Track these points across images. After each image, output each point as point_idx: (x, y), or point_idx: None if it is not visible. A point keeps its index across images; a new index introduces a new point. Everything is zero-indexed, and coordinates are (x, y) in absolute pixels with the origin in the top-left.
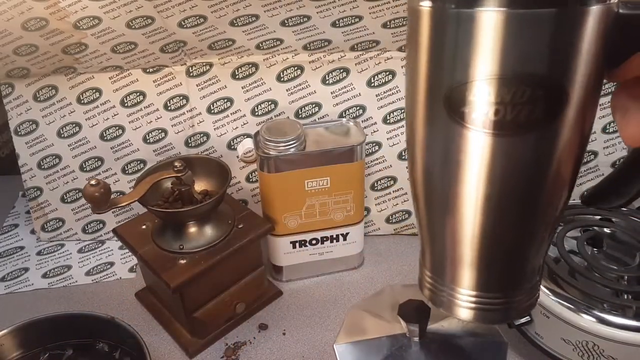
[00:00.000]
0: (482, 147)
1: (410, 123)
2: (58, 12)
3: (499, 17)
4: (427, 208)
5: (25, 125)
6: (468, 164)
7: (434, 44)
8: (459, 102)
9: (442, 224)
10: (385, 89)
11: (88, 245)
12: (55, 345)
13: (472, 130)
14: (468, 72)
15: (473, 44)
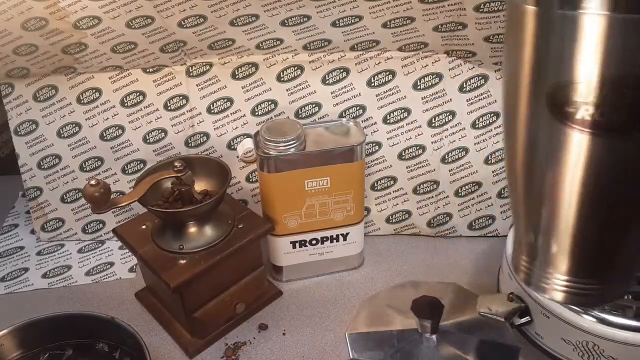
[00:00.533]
0: (583, 145)
1: (510, 120)
2: (58, 11)
3: (603, 21)
4: (526, 200)
5: (25, 125)
6: (569, 161)
7: (538, 44)
8: (563, 101)
9: (540, 214)
10: (385, 88)
11: (88, 245)
12: (55, 345)
13: (575, 129)
14: (573, 73)
15: (578, 46)
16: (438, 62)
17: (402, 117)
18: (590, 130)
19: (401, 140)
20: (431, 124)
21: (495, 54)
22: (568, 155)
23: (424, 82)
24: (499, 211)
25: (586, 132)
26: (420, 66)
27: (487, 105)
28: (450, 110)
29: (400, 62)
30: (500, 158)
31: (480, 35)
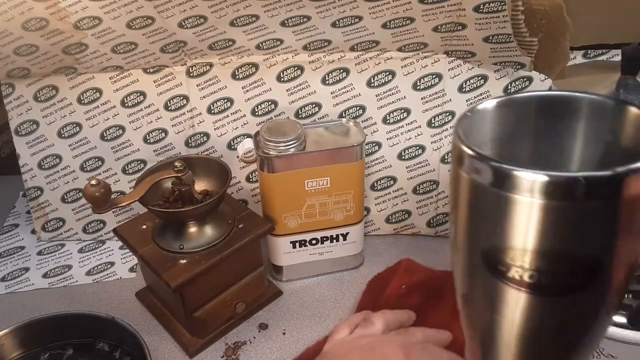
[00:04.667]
0: (518, 301)
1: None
2: (58, 12)
3: (531, 205)
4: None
5: (25, 125)
6: (505, 312)
7: (473, 208)
8: (496, 260)
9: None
10: (385, 89)
11: (88, 245)
12: (55, 344)
13: (509, 285)
14: (504, 240)
15: (509, 219)
16: (438, 62)
17: (402, 117)
18: (521, 288)
19: (401, 140)
20: (431, 124)
21: (495, 54)
22: (504, 306)
23: (424, 83)
24: None
25: (518, 289)
26: (420, 66)
27: None
28: (450, 110)
29: (400, 63)
30: None
31: (480, 35)
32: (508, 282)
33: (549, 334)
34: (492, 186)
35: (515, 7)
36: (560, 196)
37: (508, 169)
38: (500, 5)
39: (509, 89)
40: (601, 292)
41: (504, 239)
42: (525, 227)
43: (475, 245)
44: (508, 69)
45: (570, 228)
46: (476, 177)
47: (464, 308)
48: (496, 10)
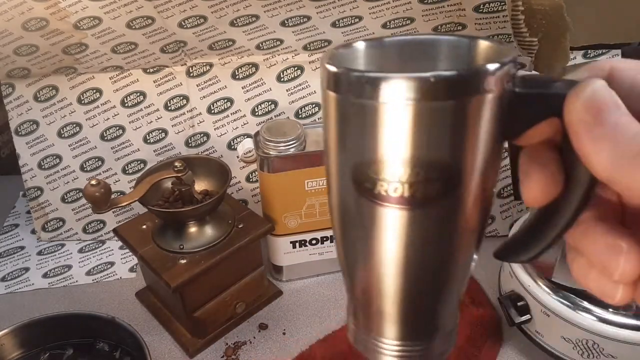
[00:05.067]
0: (387, 218)
1: (329, 188)
2: (58, 12)
3: (386, 108)
4: (347, 269)
5: (25, 125)
6: (376, 233)
7: (339, 125)
8: (363, 178)
9: (361, 283)
10: None
11: (88, 245)
12: (55, 344)
13: (376, 203)
14: (368, 154)
15: (369, 129)
16: None
17: None
18: (388, 204)
19: None
20: None
21: None
22: (374, 226)
23: None
24: (498, 211)
25: (386, 205)
26: None
27: None
28: None
29: None
30: None
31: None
32: (376, 199)
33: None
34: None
35: (515, 7)
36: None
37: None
38: (500, 5)
39: None
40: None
41: (368, 151)
42: (385, 135)
43: (347, 164)
44: None
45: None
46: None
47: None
48: (496, 10)
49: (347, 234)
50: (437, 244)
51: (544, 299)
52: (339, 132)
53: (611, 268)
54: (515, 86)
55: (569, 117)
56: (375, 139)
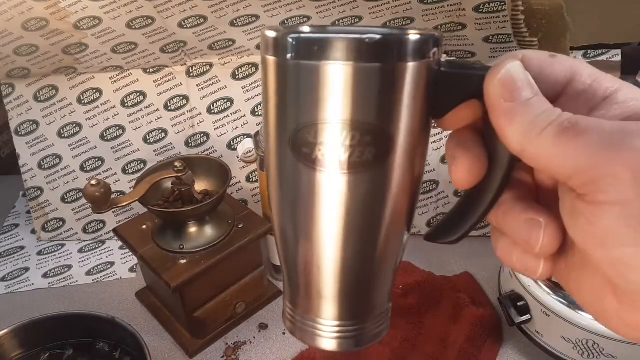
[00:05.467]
0: (323, 184)
1: (266, 159)
2: (58, 12)
3: (323, 69)
4: (284, 243)
5: (25, 125)
6: (312, 200)
7: (277, 90)
8: (301, 143)
9: (295, 258)
10: None
11: (88, 245)
12: (55, 344)
13: (312, 168)
14: (305, 117)
15: (306, 92)
16: None
17: None
18: (323, 169)
19: None
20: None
21: (495, 54)
22: (310, 194)
23: None
24: None
25: (321, 170)
26: None
27: None
28: None
29: None
30: None
31: (480, 35)
32: (314, 164)
33: (355, 219)
34: (294, 59)
35: (515, 7)
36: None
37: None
38: (500, 5)
39: None
40: (393, 168)
41: (304, 114)
42: (322, 97)
43: (285, 130)
44: None
45: (357, 95)
46: (275, 55)
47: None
48: (496, 10)
49: (285, 203)
50: (372, 211)
51: (544, 299)
52: (277, 98)
53: (532, 243)
54: (441, 66)
55: (488, 93)
56: (312, 101)
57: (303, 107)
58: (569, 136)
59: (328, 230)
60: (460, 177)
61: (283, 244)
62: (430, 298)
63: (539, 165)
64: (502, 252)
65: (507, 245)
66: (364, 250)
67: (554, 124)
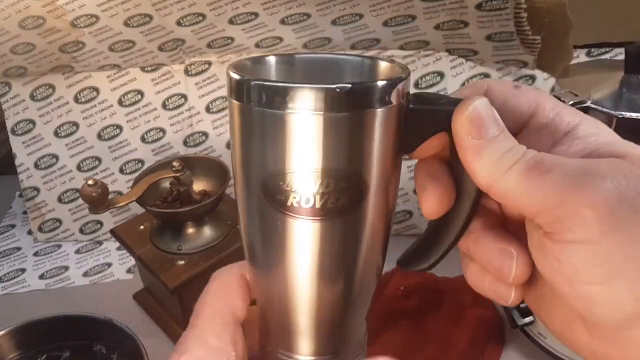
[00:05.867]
0: (298, 229)
1: (238, 200)
2: (55, 10)
3: (295, 119)
4: (255, 280)
5: (22, 124)
6: (287, 244)
7: (246, 135)
8: (273, 190)
9: (269, 295)
10: None
11: (85, 245)
12: (52, 346)
13: (287, 214)
14: (276, 166)
15: (275, 140)
16: (439, 60)
17: None
18: (300, 215)
19: None
20: None
21: (497, 52)
22: (283, 238)
23: (425, 81)
24: None
25: (297, 217)
26: (421, 65)
27: None
28: None
29: (401, 61)
30: None
31: (482, 33)
32: (289, 211)
33: (331, 262)
34: (258, 106)
35: (518, 5)
36: (319, 108)
37: (267, 85)
38: (502, 3)
39: None
40: (367, 210)
41: (275, 162)
42: (289, 144)
43: (252, 179)
44: (511, 67)
45: (329, 144)
46: (243, 101)
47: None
48: (499, 8)
49: (258, 244)
50: (348, 250)
51: None
52: (246, 144)
53: (505, 272)
54: (409, 102)
55: (455, 129)
56: (283, 151)
57: (273, 156)
58: (534, 175)
59: (303, 272)
60: (430, 206)
61: (256, 281)
62: (431, 299)
63: (506, 202)
64: (472, 278)
65: (477, 272)
66: (341, 288)
67: (519, 162)
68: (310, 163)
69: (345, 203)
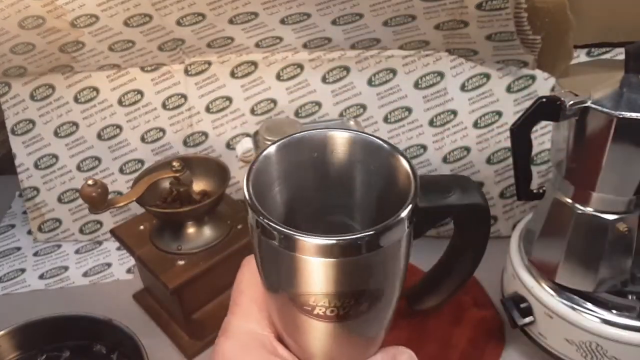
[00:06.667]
0: (321, 327)
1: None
2: (55, 10)
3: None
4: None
5: (21, 124)
6: (310, 334)
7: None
8: (300, 302)
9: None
10: (386, 87)
11: (85, 246)
12: (52, 346)
13: (313, 318)
14: (299, 289)
15: (295, 271)
16: (439, 60)
17: (403, 116)
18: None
19: (402, 139)
20: (432, 123)
21: (497, 52)
22: (310, 330)
23: (425, 81)
24: (501, 212)
25: (323, 321)
26: (421, 65)
27: (489, 105)
28: (452, 109)
29: (401, 61)
30: (503, 158)
31: (482, 33)
32: (314, 317)
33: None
34: (280, 246)
35: (518, 4)
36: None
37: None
38: (502, 3)
39: (511, 88)
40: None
41: (300, 288)
42: (314, 278)
43: (279, 290)
44: (511, 67)
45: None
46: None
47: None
48: (499, 7)
49: (286, 326)
50: (361, 335)
51: (547, 301)
52: (268, 265)
53: None
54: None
55: None
56: (303, 280)
57: (295, 281)
58: None
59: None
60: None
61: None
62: None
63: None
64: None
65: None
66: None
67: None
68: (330, 289)
69: (364, 309)
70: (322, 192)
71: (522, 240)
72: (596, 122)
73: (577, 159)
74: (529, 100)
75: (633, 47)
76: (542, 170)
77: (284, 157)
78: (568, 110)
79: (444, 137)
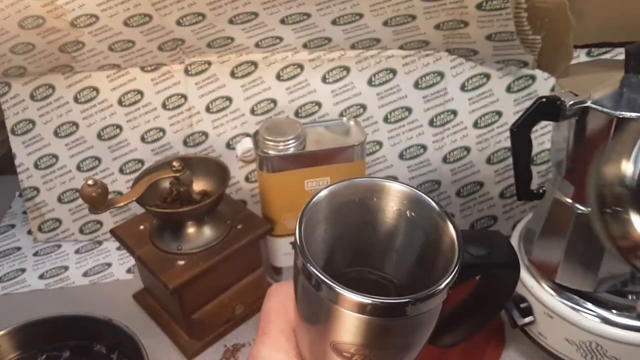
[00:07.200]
0: None
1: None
2: (55, 10)
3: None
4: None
5: (21, 124)
6: None
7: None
8: (339, 349)
9: None
10: (386, 87)
11: (85, 245)
12: (52, 346)
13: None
14: (336, 337)
15: (334, 319)
16: (439, 60)
17: (403, 116)
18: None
19: (402, 139)
20: (432, 123)
21: (497, 52)
22: None
23: (425, 81)
24: (501, 212)
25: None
26: (421, 65)
27: (489, 104)
28: (452, 109)
29: (401, 61)
30: (503, 158)
31: (482, 33)
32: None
33: None
34: (321, 294)
35: (518, 4)
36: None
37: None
38: (502, 3)
39: (511, 88)
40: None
41: (334, 333)
42: (349, 330)
43: (313, 330)
44: (511, 67)
45: (388, 333)
46: (310, 284)
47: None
48: (499, 7)
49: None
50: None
51: (547, 301)
52: (305, 306)
53: None
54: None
55: None
56: (341, 329)
57: (333, 328)
58: None
59: None
60: None
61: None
62: None
63: None
64: None
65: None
66: None
67: None
68: (364, 342)
69: (396, 357)
70: (363, 232)
71: (522, 240)
72: (596, 122)
73: (577, 159)
74: (529, 100)
75: (633, 47)
76: (542, 170)
77: (333, 199)
78: (568, 110)
79: (444, 137)
